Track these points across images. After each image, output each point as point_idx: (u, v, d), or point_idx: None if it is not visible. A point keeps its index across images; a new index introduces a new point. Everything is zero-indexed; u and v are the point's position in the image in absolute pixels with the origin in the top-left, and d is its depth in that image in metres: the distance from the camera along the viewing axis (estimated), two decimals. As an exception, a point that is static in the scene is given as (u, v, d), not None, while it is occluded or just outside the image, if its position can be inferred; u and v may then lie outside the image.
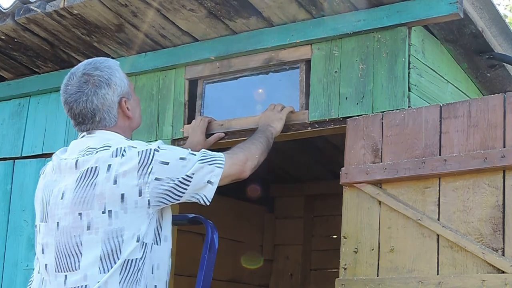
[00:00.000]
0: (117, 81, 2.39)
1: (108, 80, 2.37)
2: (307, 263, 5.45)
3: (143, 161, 2.22)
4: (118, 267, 2.17)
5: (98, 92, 2.35)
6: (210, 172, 2.34)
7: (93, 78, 2.36)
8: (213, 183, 2.35)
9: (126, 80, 2.43)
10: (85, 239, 2.19)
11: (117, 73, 2.40)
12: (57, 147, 3.70)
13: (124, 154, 2.22)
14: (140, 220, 2.21)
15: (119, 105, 2.39)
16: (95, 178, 2.22)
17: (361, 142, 2.80)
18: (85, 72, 2.38)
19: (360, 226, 2.74)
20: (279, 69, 3.20)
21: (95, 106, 2.35)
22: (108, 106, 2.36)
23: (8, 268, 3.71)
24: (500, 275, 2.40)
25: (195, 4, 3.11)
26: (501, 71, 3.41)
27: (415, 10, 2.85)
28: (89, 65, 2.40)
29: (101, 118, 2.36)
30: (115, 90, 2.38)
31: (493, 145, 2.52)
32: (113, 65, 2.43)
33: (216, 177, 2.35)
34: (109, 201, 2.19)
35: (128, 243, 2.19)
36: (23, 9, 3.39)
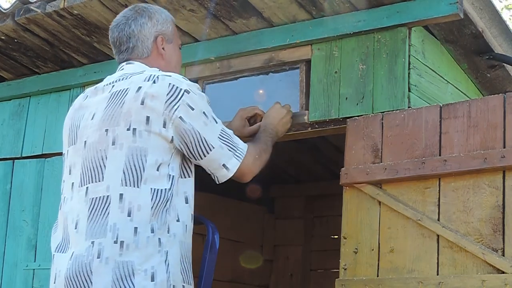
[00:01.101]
0: (160, 19, 2.52)
1: (152, 13, 2.52)
2: (307, 263, 5.45)
3: (172, 94, 2.28)
4: (148, 192, 2.21)
5: (138, 19, 2.48)
6: (228, 159, 2.37)
7: (139, 8, 2.53)
8: (229, 170, 2.38)
9: (171, 26, 2.56)
10: (109, 154, 2.25)
11: (163, 14, 2.55)
12: (57, 147, 3.73)
13: (156, 81, 2.29)
14: (163, 149, 2.27)
15: (155, 40, 2.50)
16: (124, 97, 2.29)
17: (361, 143, 2.80)
18: (136, 4, 2.57)
19: (360, 227, 2.74)
20: (279, 70, 3.20)
21: (131, 31, 2.47)
22: (143, 35, 2.48)
23: (8, 268, 3.71)
24: (500, 276, 2.40)
25: (195, 5, 3.11)
26: (501, 71, 3.41)
27: (415, 10, 2.85)
28: (143, 3, 2.59)
29: (135, 45, 2.48)
30: (155, 24, 2.50)
31: (493, 146, 2.52)
32: (165, 11, 2.59)
33: (233, 166, 2.38)
34: (135, 120, 2.25)
35: (152, 167, 2.24)
36: (23, 9, 3.39)
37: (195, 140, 2.30)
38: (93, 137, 2.30)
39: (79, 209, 2.26)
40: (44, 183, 3.71)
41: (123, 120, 2.26)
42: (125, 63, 2.49)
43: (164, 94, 2.26)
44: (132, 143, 2.23)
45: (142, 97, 2.26)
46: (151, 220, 2.20)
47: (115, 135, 2.26)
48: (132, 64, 2.47)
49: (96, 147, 2.29)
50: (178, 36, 2.64)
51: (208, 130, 2.33)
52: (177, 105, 2.27)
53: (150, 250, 2.18)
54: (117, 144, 2.25)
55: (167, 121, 2.26)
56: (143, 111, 2.25)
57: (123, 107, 2.27)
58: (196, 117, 2.30)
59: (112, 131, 2.27)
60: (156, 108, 2.25)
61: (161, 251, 2.20)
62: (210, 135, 2.33)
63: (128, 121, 2.25)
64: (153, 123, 2.25)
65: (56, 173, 3.66)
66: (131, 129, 2.24)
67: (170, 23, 2.57)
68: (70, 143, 2.41)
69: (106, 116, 2.30)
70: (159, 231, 2.21)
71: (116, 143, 2.25)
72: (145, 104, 2.25)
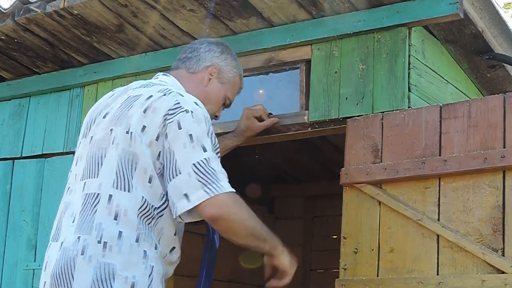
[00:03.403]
0: (228, 61, 2.62)
1: (226, 52, 2.62)
2: (307, 264, 5.45)
3: (172, 110, 2.23)
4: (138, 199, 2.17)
5: (213, 45, 2.61)
6: (194, 189, 2.13)
7: (223, 44, 2.65)
8: (190, 201, 2.13)
9: (233, 75, 2.63)
10: (109, 152, 2.25)
11: (234, 62, 2.66)
12: (57, 147, 3.73)
13: (167, 95, 2.28)
14: (150, 162, 2.20)
15: (209, 67, 2.56)
16: (134, 101, 2.30)
17: (361, 143, 2.80)
18: (222, 42, 2.68)
19: (360, 227, 2.74)
20: (279, 70, 3.20)
21: (198, 47, 2.58)
22: (204, 56, 2.57)
23: (8, 268, 3.71)
24: (500, 276, 2.40)
25: (195, 5, 3.11)
26: (501, 71, 3.41)
27: (415, 10, 2.85)
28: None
29: (191, 57, 2.56)
30: (221, 59, 2.60)
31: (493, 146, 2.52)
32: (239, 64, 2.68)
33: (197, 199, 2.12)
34: (134, 124, 2.24)
35: (142, 176, 2.19)
36: (23, 9, 3.39)
37: (168, 161, 2.17)
38: (99, 134, 2.31)
39: (77, 202, 2.27)
40: (44, 183, 3.71)
41: (125, 122, 2.26)
42: (161, 73, 2.53)
43: (166, 108, 2.22)
44: (127, 147, 2.22)
45: (146, 105, 2.25)
46: (138, 229, 2.16)
47: (116, 134, 2.26)
48: (167, 76, 2.50)
49: (99, 144, 2.29)
50: (234, 92, 2.67)
51: (184, 153, 2.15)
52: (170, 120, 2.20)
53: (133, 258, 2.14)
54: (114, 143, 2.25)
55: (160, 135, 2.20)
56: (142, 119, 2.23)
57: (129, 111, 2.27)
58: (179, 137, 2.17)
59: (114, 131, 2.27)
60: (154, 120, 2.21)
61: (146, 264, 2.15)
62: (183, 159, 2.15)
63: (129, 124, 2.24)
64: (147, 133, 2.20)
65: (56, 173, 3.66)
66: (129, 132, 2.23)
67: (235, 73, 2.63)
68: (83, 136, 2.42)
69: (114, 116, 2.31)
70: (145, 243, 2.16)
71: (115, 142, 2.25)
72: (146, 113, 2.24)
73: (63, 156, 3.67)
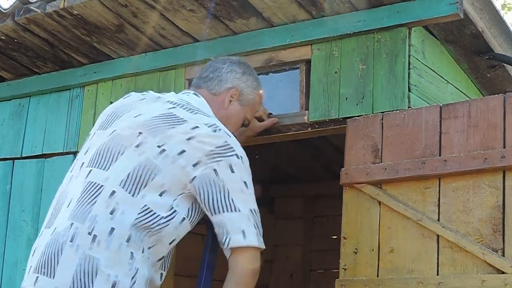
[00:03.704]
0: (249, 83, 2.65)
1: (247, 73, 2.65)
2: (307, 264, 5.44)
3: (222, 149, 2.27)
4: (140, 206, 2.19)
5: (234, 65, 2.62)
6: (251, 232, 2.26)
7: (245, 64, 2.68)
8: (246, 239, 2.25)
9: (254, 97, 2.67)
10: (127, 152, 2.26)
11: (255, 83, 2.68)
12: (57, 148, 3.73)
13: (216, 131, 2.30)
14: (177, 181, 2.24)
15: (230, 89, 2.58)
16: (177, 124, 2.30)
17: (361, 143, 2.80)
18: (247, 62, 2.72)
19: (360, 227, 2.74)
20: (279, 70, 3.20)
21: (222, 67, 2.60)
22: (225, 79, 2.59)
23: (8, 269, 3.71)
24: (500, 276, 2.40)
25: (195, 5, 3.11)
26: (501, 71, 3.41)
27: (415, 10, 2.85)
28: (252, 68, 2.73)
29: (213, 78, 2.58)
30: (242, 80, 2.62)
31: (493, 146, 2.52)
32: (260, 83, 2.72)
33: (252, 240, 2.25)
34: (170, 145, 2.25)
35: (154, 189, 2.22)
36: (23, 9, 3.39)
37: (219, 194, 2.25)
38: (124, 131, 2.31)
39: (77, 188, 2.27)
40: (44, 183, 3.71)
41: (161, 137, 2.27)
42: (192, 93, 2.53)
43: (214, 145, 2.27)
44: (153, 159, 2.24)
45: (192, 135, 2.27)
46: (130, 229, 2.17)
47: (144, 141, 2.27)
48: (198, 97, 2.51)
49: (120, 140, 2.29)
50: (253, 113, 2.73)
51: (242, 198, 2.27)
52: (220, 159, 2.26)
53: (119, 257, 2.14)
54: (139, 149, 2.26)
55: (200, 164, 2.25)
56: (183, 145, 2.25)
57: (169, 130, 2.28)
58: (233, 180, 2.27)
59: (143, 137, 2.28)
60: (197, 150, 2.25)
61: (131, 265, 2.16)
62: (242, 202, 2.27)
63: (164, 141, 2.26)
64: (184, 157, 2.24)
65: (56, 173, 3.66)
66: (161, 148, 2.25)
67: (256, 95, 2.67)
68: (101, 127, 2.42)
69: (149, 123, 2.30)
70: (134, 245, 2.17)
71: (139, 148, 2.26)
72: (189, 141, 2.26)
73: (63, 156, 3.67)
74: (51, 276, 2.12)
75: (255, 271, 2.29)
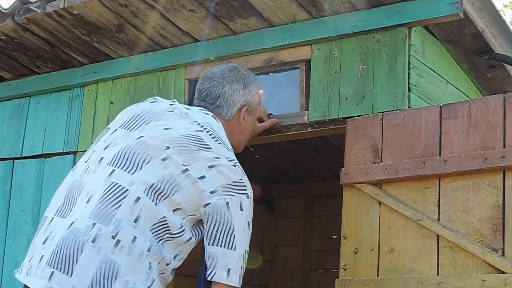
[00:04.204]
0: (252, 91, 2.67)
1: (248, 83, 2.66)
2: (307, 264, 5.44)
3: (237, 185, 2.34)
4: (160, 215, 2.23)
5: (233, 83, 2.61)
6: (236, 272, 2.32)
7: (238, 72, 2.67)
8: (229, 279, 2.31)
9: (258, 98, 2.71)
10: (154, 162, 2.29)
11: (256, 87, 2.70)
12: (57, 147, 3.73)
13: (235, 167, 2.37)
14: (192, 202, 2.29)
15: (240, 108, 2.62)
16: (203, 150, 2.34)
17: (361, 143, 2.80)
18: (236, 66, 2.70)
19: (360, 227, 2.74)
20: (279, 70, 3.20)
21: (223, 91, 2.60)
22: (232, 101, 2.61)
23: (8, 269, 3.71)
24: (500, 276, 2.40)
25: (195, 5, 3.11)
26: (501, 71, 3.41)
27: (415, 10, 2.85)
28: (242, 67, 2.73)
29: (221, 105, 2.59)
30: (246, 94, 2.65)
31: (493, 146, 2.52)
32: (259, 82, 2.73)
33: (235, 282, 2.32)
34: (194, 167, 2.30)
35: (172, 203, 2.26)
36: (23, 9, 3.39)
37: (224, 228, 2.31)
38: (153, 141, 2.34)
39: (97, 184, 2.26)
40: (44, 183, 3.71)
41: (187, 158, 2.31)
42: (211, 115, 2.55)
43: (231, 180, 2.33)
44: (176, 176, 2.28)
45: (214, 164, 2.32)
46: (151, 240, 2.21)
47: (171, 156, 2.30)
48: (217, 122, 2.54)
49: (147, 148, 2.32)
50: (259, 107, 2.76)
51: (242, 237, 2.33)
52: (233, 194, 2.32)
53: (139, 266, 2.17)
54: (164, 162, 2.29)
55: (216, 193, 2.30)
56: (205, 171, 2.31)
57: (195, 153, 2.32)
58: (240, 218, 2.33)
59: (171, 152, 2.31)
60: (216, 179, 2.31)
61: (149, 275, 2.19)
62: (240, 241, 2.32)
63: (189, 162, 2.30)
64: (204, 183, 2.30)
65: (56, 173, 3.66)
66: (185, 167, 2.30)
67: (258, 95, 2.70)
68: (125, 127, 2.43)
69: (178, 140, 2.34)
70: (153, 255, 2.21)
71: (165, 161, 2.29)
72: (211, 169, 2.31)
73: (63, 156, 3.67)
74: (69, 274, 2.12)
75: None
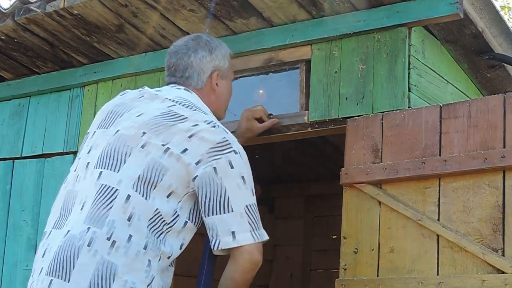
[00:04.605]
0: (219, 55, 2.58)
1: (213, 48, 2.57)
2: (307, 264, 5.45)
3: (221, 146, 2.28)
4: (153, 209, 2.20)
5: (198, 51, 2.54)
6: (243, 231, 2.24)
7: (201, 40, 2.58)
8: (236, 240, 2.24)
9: (228, 63, 2.62)
10: (134, 153, 2.26)
11: (223, 50, 2.61)
12: (57, 148, 3.74)
13: (215, 127, 2.31)
14: (181, 180, 2.25)
15: (211, 74, 2.55)
16: (178, 122, 2.30)
17: (361, 143, 2.80)
18: (198, 35, 2.62)
19: (360, 227, 2.74)
20: (279, 70, 3.20)
21: (190, 61, 2.53)
22: (200, 69, 2.54)
23: (8, 269, 3.71)
24: (500, 276, 2.40)
25: (195, 5, 3.11)
26: (501, 71, 3.41)
27: (415, 10, 2.85)
28: (205, 35, 2.65)
29: (190, 75, 2.52)
30: (213, 59, 2.56)
31: (493, 146, 2.52)
32: (225, 45, 2.63)
33: (243, 240, 2.24)
34: (174, 143, 2.26)
35: (163, 190, 2.23)
36: (23, 9, 3.39)
37: (216, 195, 2.25)
38: (128, 131, 2.31)
39: (88, 190, 2.25)
40: (44, 183, 3.71)
41: (164, 136, 2.27)
42: (183, 88, 2.50)
43: (214, 142, 2.27)
44: (158, 158, 2.24)
45: (193, 132, 2.27)
46: (147, 237, 2.18)
47: (148, 141, 2.27)
48: (190, 93, 2.49)
49: (125, 140, 2.29)
50: (233, 71, 2.69)
51: (238, 194, 2.26)
52: (219, 157, 2.26)
53: (136, 264, 2.15)
54: (145, 149, 2.26)
55: (202, 162, 2.25)
56: (186, 143, 2.26)
57: (172, 128, 2.28)
58: (232, 176, 2.26)
59: (148, 137, 2.27)
60: (199, 147, 2.26)
61: (148, 272, 2.17)
62: (237, 199, 2.26)
63: (168, 140, 2.26)
64: (188, 156, 2.24)
65: (56, 173, 3.66)
66: (165, 146, 2.25)
67: (228, 58, 2.62)
68: (102, 126, 2.41)
69: (152, 122, 2.30)
70: (151, 252, 2.19)
71: (145, 148, 2.26)
72: (191, 139, 2.26)
73: (63, 156, 3.68)
74: (66, 280, 2.11)
75: (253, 266, 2.30)
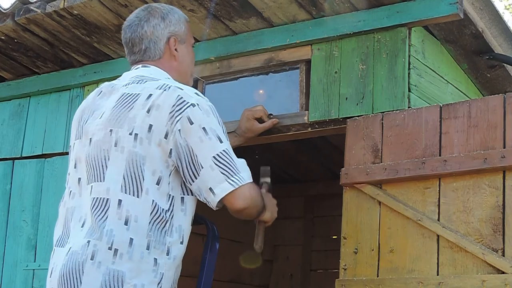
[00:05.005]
0: (173, 19, 2.48)
1: (165, 14, 2.47)
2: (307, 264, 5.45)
3: (177, 106, 2.21)
4: (149, 204, 2.17)
5: (150, 20, 2.45)
6: (217, 182, 2.18)
7: (152, 8, 2.48)
8: (216, 195, 2.18)
9: (184, 26, 2.51)
10: (112, 155, 2.22)
11: (176, 15, 2.51)
12: (57, 148, 3.74)
13: (167, 90, 2.24)
14: (161, 162, 2.20)
15: (168, 41, 2.45)
16: (133, 102, 2.25)
17: (361, 143, 2.80)
18: (149, 5, 2.51)
19: (360, 227, 2.74)
20: (279, 70, 3.20)
21: (144, 32, 2.43)
22: (156, 37, 2.44)
23: (8, 269, 3.71)
24: (500, 276, 2.40)
25: (195, 5, 3.11)
26: (501, 71, 3.41)
27: (415, 10, 2.85)
28: (156, 3, 2.54)
29: (147, 47, 2.43)
30: (167, 25, 2.46)
31: (493, 146, 2.52)
32: (177, 10, 2.53)
33: (221, 191, 2.18)
34: (138, 126, 2.21)
35: (151, 179, 2.19)
36: (23, 9, 3.39)
37: (187, 159, 2.18)
38: (98, 135, 2.27)
39: (85, 207, 2.25)
40: (44, 183, 3.71)
41: (127, 124, 2.22)
42: (141, 66, 2.43)
43: (170, 105, 2.20)
44: (133, 148, 2.20)
45: (149, 105, 2.22)
46: (148, 236, 2.16)
47: (118, 136, 2.23)
48: (148, 68, 2.42)
49: (100, 146, 2.26)
50: (191, 35, 2.58)
51: (202, 147, 2.18)
52: (179, 117, 2.19)
53: (143, 266, 2.14)
54: (118, 147, 2.22)
55: (169, 133, 2.19)
56: (147, 119, 2.20)
57: (130, 112, 2.24)
58: (193, 132, 2.18)
59: (115, 132, 2.23)
60: (159, 118, 2.20)
61: (156, 271, 2.16)
62: (202, 153, 2.18)
63: (132, 126, 2.21)
64: (155, 133, 2.19)
65: (56, 173, 3.66)
66: (133, 134, 2.21)
67: (183, 22, 2.52)
68: (77, 137, 2.38)
69: (112, 116, 2.27)
70: (155, 250, 2.17)
71: (118, 145, 2.22)
72: (150, 112, 2.21)
73: (63, 156, 3.67)
74: None
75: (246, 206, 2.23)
